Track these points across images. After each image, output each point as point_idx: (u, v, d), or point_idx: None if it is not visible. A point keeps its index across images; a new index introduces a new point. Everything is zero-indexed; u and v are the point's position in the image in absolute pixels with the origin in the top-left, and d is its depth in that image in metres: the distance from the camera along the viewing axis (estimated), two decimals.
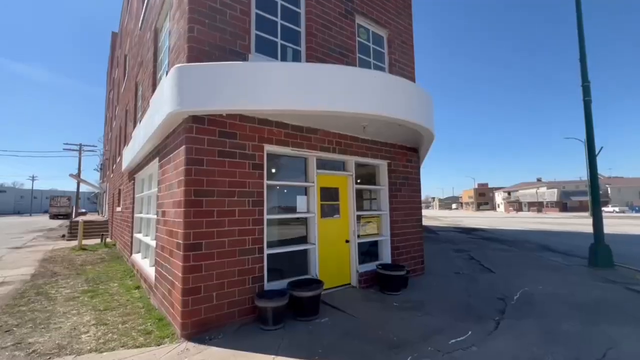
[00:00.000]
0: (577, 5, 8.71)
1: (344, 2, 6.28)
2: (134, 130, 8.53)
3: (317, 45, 5.70)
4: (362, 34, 6.76)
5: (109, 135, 23.01)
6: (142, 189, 8.42)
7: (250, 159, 4.62)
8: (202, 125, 4.22)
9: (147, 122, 5.44)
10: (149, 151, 6.48)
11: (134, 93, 9.96)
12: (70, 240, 15.70)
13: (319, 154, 5.55)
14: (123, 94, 14.03)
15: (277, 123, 4.92)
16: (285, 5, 5.55)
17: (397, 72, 7.16)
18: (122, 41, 16.31)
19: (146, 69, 7.59)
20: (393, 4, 7.35)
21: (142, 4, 8.86)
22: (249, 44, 4.87)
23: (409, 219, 7.03)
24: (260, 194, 4.68)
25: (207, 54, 4.41)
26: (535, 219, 37.72)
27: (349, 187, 6.16)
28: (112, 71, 24.91)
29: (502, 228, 21.98)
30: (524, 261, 8.78)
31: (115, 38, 25.74)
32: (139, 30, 9.11)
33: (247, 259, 4.46)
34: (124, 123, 12.76)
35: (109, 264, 8.90)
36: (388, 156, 6.70)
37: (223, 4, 4.65)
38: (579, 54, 8.53)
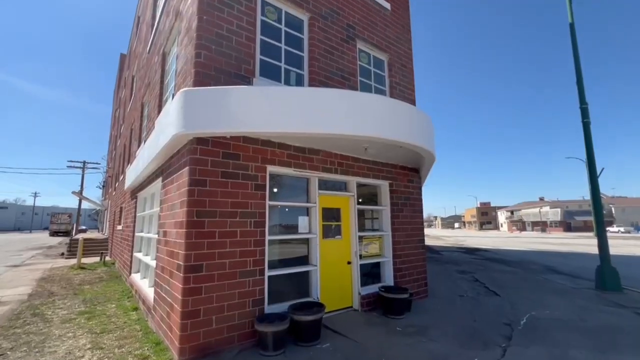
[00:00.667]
0: (571, 31, 8.98)
1: (346, 29, 6.51)
2: (139, 149, 8.65)
3: (319, 69, 5.87)
4: (363, 58, 6.96)
5: (113, 153, 23.28)
6: (144, 207, 8.43)
7: (253, 179, 4.65)
8: (207, 146, 4.29)
9: (152, 143, 5.52)
10: (152, 171, 6.54)
11: (140, 113, 10.16)
12: (69, 258, 15.56)
13: (321, 175, 5.59)
14: (129, 113, 14.32)
15: (280, 144, 4.99)
16: (289, 32, 5.76)
17: (398, 95, 7.31)
18: (131, 63, 16.82)
19: (153, 90, 7.79)
20: (393, 30, 7.61)
21: (151, 29, 9.21)
22: (254, 68, 5.02)
23: (411, 240, 6.96)
24: (262, 215, 4.68)
25: (213, 78, 4.55)
26: (539, 239, 37.22)
27: (351, 207, 6.16)
28: (119, 91, 25.54)
29: (506, 248, 21.67)
30: (530, 284, 8.60)
31: (123, 59, 26.58)
32: (147, 53, 9.42)
33: (247, 280, 4.40)
34: (129, 142, 12.94)
35: (107, 284, 8.77)
36: (389, 177, 6.73)
37: (230, 30, 4.83)
38: (576, 77, 8.71)
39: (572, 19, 9.06)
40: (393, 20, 7.70)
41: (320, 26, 6.06)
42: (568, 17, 9.10)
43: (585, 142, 8.57)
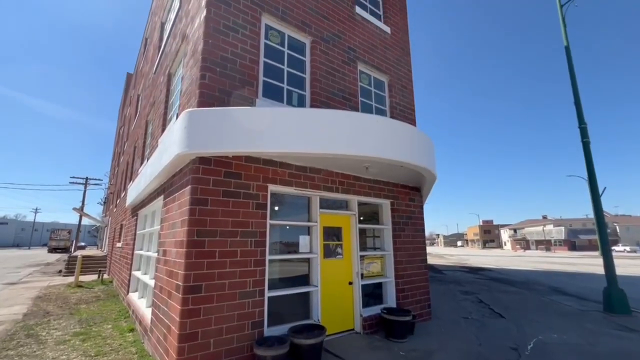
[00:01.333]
0: (567, 53, 9.20)
1: (347, 51, 6.70)
2: (141, 167, 8.71)
3: (321, 90, 5.99)
4: (364, 79, 7.12)
5: (116, 170, 23.43)
6: (144, 225, 8.40)
7: (254, 198, 4.65)
8: (209, 165, 4.32)
9: (155, 161, 5.57)
10: (154, 189, 6.56)
11: (144, 131, 10.31)
12: (66, 275, 15.35)
13: (322, 194, 5.59)
14: (133, 130, 14.53)
15: (281, 164, 5.03)
16: (291, 54, 5.92)
17: (398, 114, 7.42)
18: (137, 82, 17.22)
19: (157, 109, 7.94)
20: (393, 53, 7.82)
21: (158, 50, 9.50)
22: (257, 89, 5.14)
23: (414, 260, 6.86)
24: (262, 234, 4.65)
25: (217, 99, 4.64)
26: (544, 258, 36.62)
27: (352, 226, 6.12)
28: (124, 109, 26.03)
29: (511, 268, 21.28)
30: (536, 305, 8.39)
31: (130, 79, 27.25)
32: (154, 73, 9.66)
33: (247, 302, 4.31)
34: (132, 159, 13.06)
35: (104, 303, 8.61)
36: (391, 195, 6.73)
37: (234, 53, 4.98)
38: (573, 98, 8.85)
39: (567, 42, 9.30)
40: (393, 43, 7.93)
41: (322, 49, 6.24)
42: (563, 41, 9.34)
43: (585, 161, 8.60)
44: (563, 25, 9.49)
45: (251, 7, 5.37)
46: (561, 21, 9.53)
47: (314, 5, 6.35)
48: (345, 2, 7.01)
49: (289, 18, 5.85)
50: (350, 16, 7.04)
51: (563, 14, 9.62)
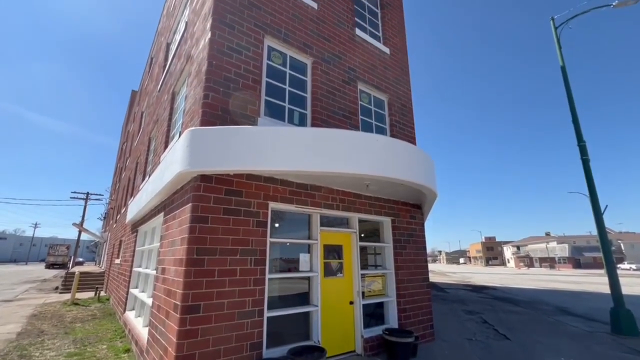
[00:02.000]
0: (563, 73, 9.39)
1: (347, 71, 6.86)
2: (142, 183, 8.75)
3: (322, 108, 6.10)
4: (364, 98, 7.25)
5: (117, 186, 23.50)
6: (143, 242, 8.35)
7: (254, 216, 4.65)
8: (210, 183, 4.35)
9: (157, 178, 5.61)
10: (155, 205, 6.57)
11: (147, 147, 10.41)
12: (63, 292, 15.12)
13: (323, 211, 5.58)
14: (136, 147, 14.68)
15: (282, 181, 5.05)
16: (293, 74, 6.06)
17: (398, 132, 7.51)
18: (141, 99, 17.55)
19: (161, 126, 8.05)
20: (392, 72, 8.00)
21: (162, 69, 9.73)
22: (259, 108, 5.23)
23: (416, 279, 6.76)
24: (262, 252, 4.61)
25: (220, 118, 4.72)
26: (548, 276, 35.98)
27: (353, 244, 6.07)
28: (127, 125, 26.38)
29: (515, 286, 20.89)
30: (542, 326, 8.18)
31: (134, 96, 27.77)
32: (158, 91, 9.86)
33: (246, 322, 4.23)
34: (133, 175, 13.12)
35: (100, 322, 8.44)
36: (392, 213, 6.71)
37: (237, 74, 5.11)
38: (571, 116, 8.96)
39: (562, 62, 9.52)
40: (392, 63, 8.12)
41: (323, 69, 6.39)
42: (559, 61, 9.55)
43: (586, 178, 8.60)
44: (558, 46, 9.73)
45: (254, 30, 5.54)
46: (556, 42, 9.78)
47: (315, 28, 6.55)
48: (345, 25, 7.23)
49: (291, 40, 6.03)
50: (351, 38, 7.25)
51: (558, 36, 9.89)
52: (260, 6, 5.77)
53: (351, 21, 7.42)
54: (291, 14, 6.23)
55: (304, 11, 6.50)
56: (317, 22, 6.64)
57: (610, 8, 9.45)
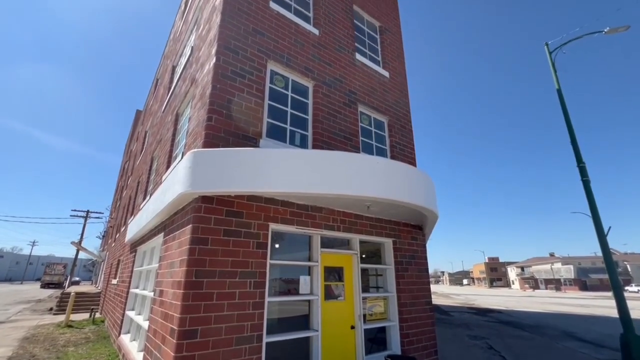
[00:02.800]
0: (559, 96, 9.57)
1: (348, 94, 7.01)
2: (143, 202, 8.76)
3: (322, 130, 6.19)
4: (364, 119, 7.37)
5: (117, 204, 23.48)
6: (142, 262, 8.25)
7: (255, 237, 4.62)
8: (211, 204, 4.35)
9: (158, 198, 5.62)
10: (155, 225, 6.54)
11: (149, 166, 10.50)
12: (57, 314, 14.77)
13: (323, 232, 5.55)
14: (138, 165, 14.79)
15: (283, 202, 5.05)
16: (295, 97, 6.20)
17: (398, 153, 7.58)
18: (145, 119, 17.86)
19: (164, 146, 8.15)
20: (392, 95, 8.18)
21: (167, 91, 9.97)
22: (261, 130, 5.32)
23: (418, 302, 6.61)
24: (262, 275, 4.54)
25: (222, 139, 4.79)
26: (554, 298, 35.10)
27: (354, 266, 5.98)
28: (130, 144, 26.70)
29: (520, 310, 20.34)
30: (550, 353, 7.91)
31: (139, 115, 28.30)
32: (162, 112, 10.06)
33: (244, 348, 4.11)
34: (135, 193, 13.15)
35: (93, 346, 8.19)
36: (393, 234, 6.65)
37: (240, 97, 5.23)
38: (570, 137, 9.04)
39: (558, 85, 9.72)
40: (392, 86, 8.32)
41: (324, 92, 6.55)
42: (555, 84, 9.76)
43: (587, 200, 8.56)
44: (553, 70, 9.97)
45: (258, 55, 5.73)
46: (551, 67, 10.03)
47: (317, 53, 6.77)
48: (346, 50, 7.47)
49: (293, 64, 6.22)
50: (351, 62, 7.47)
51: (553, 60, 10.16)
52: (264, 33, 5.99)
53: (351, 46, 7.67)
54: (293, 40, 6.45)
55: (306, 37, 6.74)
56: (318, 48, 6.87)
57: (603, 34, 9.76)
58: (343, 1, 8.10)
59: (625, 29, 9.51)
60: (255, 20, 5.96)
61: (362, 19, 8.67)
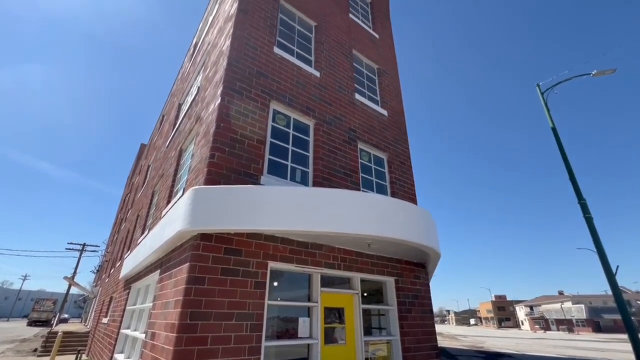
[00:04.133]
0: (554, 134, 9.81)
1: (348, 132, 7.21)
2: (141, 237, 8.65)
3: (323, 167, 6.28)
4: (364, 156, 7.51)
5: (115, 237, 23.17)
6: (135, 300, 7.96)
7: (253, 277, 4.50)
8: (210, 242, 4.30)
9: (156, 234, 5.56)
10: (151, 262, 6.41)
11: (150, 200, 10.50)
12: (42, 355, 13.95)
13: (323, 271, 5.41)
14: (139, 199, 14.80)
15: (282, 239, 4.99)
16: (296, 135, 6.37)
17: (398, 189, 7.61)
18: (149, 153, 18.20)
19: (165, 181, 8.23)
20: (391, 132, 8.40)
21: (172, 127, 10.27)
22: (262, 167, 5.40)
23: (424, 347, 6.26)
24: (259, 317, 4.36)
25: (224, 177, 4.85)
26: (568, 341, 33.22)
27: (355, 307, 5.75)
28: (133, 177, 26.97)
29: (533, 354, 19.17)
30: None
31: (143, 149, 28.87)
32: (166, 147, 10.28)
33: None
34: (133, 227, 13.02)
35: None
36: (395, 272, 6.48)
37: (243, 135, 5.38)
38: (568, 174, 9.12)
39: (552, 123, 10.00)
40: (390, 124, 8.57)
41: (325, 130, 6.74)
42: (549, 123, 10.05)
43: (592, 237, 8.44)
44: (546, 109, 10.33)
45: (261, 96, 5.98)
46: (544, 106, 10.40)
47: (317, 93, 7.06)
48: (345, 90, 7.81)
49: (295, 104, 6.47)
50: (351, 101, 7.76)
51: (545, 100, 10.55)
52: (267, 75, 6.31)
53: (351, 87, 8.03)
54: (295, 81, 6.77)
55: (307, 78, 7.07)
56: (319, 88, 7.18)
57: (591, 77, 10.23)
58: (343, 46, 8.61)
59: (611, 72, 9.98)
60: (260, 64, 6.30)
61: (361, 62, 9.16)
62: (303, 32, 7.96)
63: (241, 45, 6.19)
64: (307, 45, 7.84)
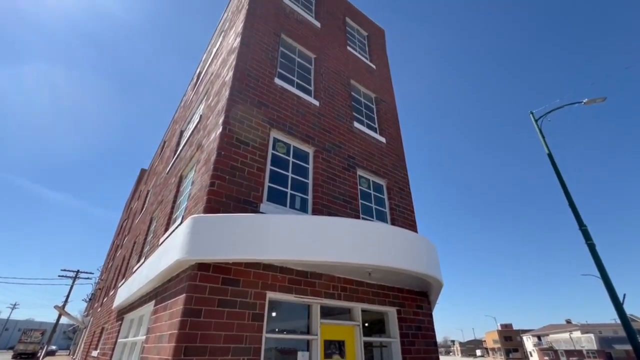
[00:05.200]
0: (550, 160, 9.93)
1: (347, 159, 7.30)
2: (137, 264, 8.48)
3: (322, 194, 6.29)
4: (364, 183, 7.54)
5: (110, 264, 22.68)
6: (128, 332, 7.67)
7: (251, 308, 4.37)
8: (207, 272, 4.22)
9: (153, 262, 5.46)
10: (146, 292, 6.24)
11: (147, 227, 10.40)
12: None
13: (323, 301, 5.26)
14: (136, 225, 14.66)
15: (282, 269, 4.90)
16: (296, 162, 6.45)
17: (398, 216, 7.58)
18: (149, 178, 18.26)
19: (164, 208, 8.20)
20: (389, 159, 8.50)
21: (173, 153, 10.39)
22: (262, 194, 5.41)
23: None
24: (257, 351, 4.19)
25: (223, 204, 4.85)
26: None
27: (356, 339, 5.54)
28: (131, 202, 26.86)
29: None
30: None
31: (143, 174, 28.96)
32: (166, 173, 10.33)
33: None
34: (129, 254, 12.80)
35: None
36: (396, 302, 6.30)
37: (243, 163, 5.44)
38: (567, 201, 9.13)
39: (548, 150, 10.15)
40: (389, 151, 8.69)
41: (324, 157, 6.82)
42: (545, 149, 10.21)
43: (595, 265, 8.30)
44: (541, 136, 10.52)
45: (262, 124, 6.11)
46: (539, 133, 10.61)
47: (317, 122, 7.23)
48: (344, 118, 8.00)
49: (295, 132, 6.59)
50: (349, 129, 7.92)
51: (539, 127, 10.79)
52: (268, 104, 6.48)
53: (349, 115, 8.22)
54: (295, 110, 6.95)
55: (307, 108, 7.26)
56: (318, 117, 7.36)
57: (582, 105, 10.53)
58: (341, 76, 8.92)
59: (602, 100, 10.29)
60: (261, 94, 6.50)
61: (359, 91, 9.45)
62: (303, 64, 8.28)
63: (243, 77, 6.42)
64: (306, 76, 8.12)
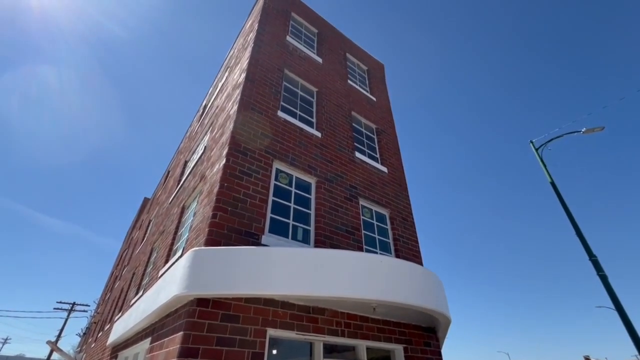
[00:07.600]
0: (554, 189, 9.90)
1: (349, 189, 7.31)
2: (135, 297, 8.25)
3: (325, 224, 6.24)
4: (366, 213, 7.50)
5: (107, 296, 22.09)
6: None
7: (250, 347, 4.18)
8: (206, 307, 4.09)
9: (151, 297, 5.31)
10: (143, 327, 6.03)
11: (147, 258, 10.25)
12: None
13: (326, 339, 5.03)
14: (136, 255, 14.45)
15: (283, 304, 4.74)
16: (298, 193, 6.46)
17: (402, 246, 7.45)
18: (151, 208, 18.25)
19: (165, 238, 8.12)
20: (391, 189, 8.51)
21: (177, 184, 10.47)
22: (264, 226, 5.38)
23: None
24: None
25: (225, 236, 4.81)
26: None
27: None
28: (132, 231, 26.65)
29: None
30: None
31: (145, 203, 28.99)
32: (169, 203, 10.35)
33: None
34: (127, 286, 12.49)
35: None
36: (403, 339, 6.01)
37: (246, 194, 5.46)
38: (574, 230, 8.98)
39: (551, 178, 10.15)
40: (391, 180, 8.72)
41: (326, 187, 6.84)
42: (547, 178, 10.21)
43: (609, 296, 7.99)
44: (543, 165, 10.57)
45: (265, 156, 6.21)
46: (540, 162, 10.67)
47: (319, 152, 7.33)
48: (346, 149, 8.12)
49: (297, 163, 6.67)
50: (351, 160, 8.02)
51: (540, 155, 10.86)
52: (270, 136, 6.62)
53: (351, 146, 8.35)
54: (298, 141, 7.08)
55: (309, 139, 7.40)
56: (320, 148, 7.48)
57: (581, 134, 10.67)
58: (342, 108, 9.18)
59: (600, 130, 10.43)
60: (264, 127, 6.66)
61: (360, 122, 9.67)
62: (305, 97, 8.56)
63: (247, 110, 6.62)
64: (309, 109, 8.36)
